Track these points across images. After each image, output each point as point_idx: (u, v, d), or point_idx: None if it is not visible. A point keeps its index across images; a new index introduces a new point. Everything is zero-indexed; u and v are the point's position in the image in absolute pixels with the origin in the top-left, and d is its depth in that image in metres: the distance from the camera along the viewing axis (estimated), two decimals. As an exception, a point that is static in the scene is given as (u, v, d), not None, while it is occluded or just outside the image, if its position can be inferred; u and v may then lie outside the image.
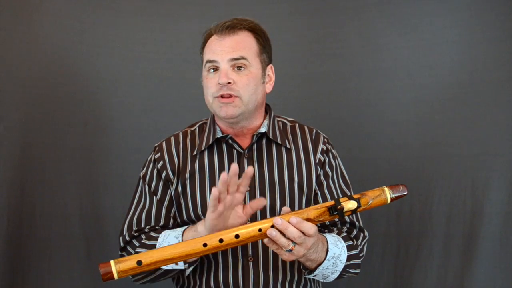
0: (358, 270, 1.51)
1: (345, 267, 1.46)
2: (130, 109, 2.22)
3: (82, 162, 2.16)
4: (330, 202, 1.31)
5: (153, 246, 1.43)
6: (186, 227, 1.45)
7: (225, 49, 1.47)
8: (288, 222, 1.26)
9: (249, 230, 1.27)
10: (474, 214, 2.03)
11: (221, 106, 1.48)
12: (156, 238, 1.45)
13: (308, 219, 1.29)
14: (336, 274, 1.46)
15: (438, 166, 2.09)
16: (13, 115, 2.04)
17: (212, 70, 1.49)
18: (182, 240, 1.39)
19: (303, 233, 1.28)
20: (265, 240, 1.29)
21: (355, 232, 1.55)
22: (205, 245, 1.24)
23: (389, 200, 1.33)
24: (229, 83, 1.45)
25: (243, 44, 1.49)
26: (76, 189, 2.15)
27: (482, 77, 2.04)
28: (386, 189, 1.33)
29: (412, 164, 2.13)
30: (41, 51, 2.11)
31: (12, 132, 2.03)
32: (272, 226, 1.27)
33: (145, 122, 2.23)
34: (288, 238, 1.27)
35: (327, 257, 1.40)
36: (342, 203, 1.29)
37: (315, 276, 1.45)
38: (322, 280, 1.50)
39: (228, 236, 1.25)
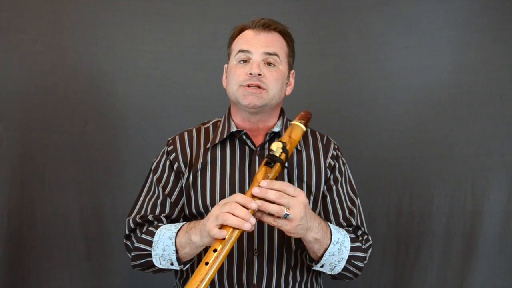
0: (362, 265, 1.51)
1: (350, 258, 1.46)
2: (130, 109, 2.22)
3: (82, 162, 2.16)
4: (263, 162, 1.34)
5: (149, 242, 1.45)
6: (180, 226, 1.43)
7: (260, 42, 1.53)
8: (260, 186, 1.28)
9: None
10: (474, 214, 2.03)
11: (245, 95, 1.51)
12: (153, 235, 1.46)
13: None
14: (343, 263, 1.45)
15: (438, 166, 2.09)
16: (13, 115, 2.05)
17: (242, 62, 1.53)
18: (175, 242, 1.40)
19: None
20: (258, 214, 1.30)
21: (359, 232, 1.57)
22: (207, 263, 1.24)
23: (304, 128, 1.44)
24: (259, 74, 1.50)
25: (277, 42, 1.56)
26: (76, 189, 2.15)
27: (482, 77, 2.04)
28: (296, 122, 1.44)
29: (412, 164, 2.13)
30: (41, 51, 2.11)
31: (12, 132, 2.03)
32: (254, 201, 1.27)
33: (145, 122, 2.23)
34: (275, 203, 1.28)
35: (332, 241, 1.41)
36: (272, 151, 1.34)
37: (322, 266, 1.44)
38: (329, 272, 1.48)
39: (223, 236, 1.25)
